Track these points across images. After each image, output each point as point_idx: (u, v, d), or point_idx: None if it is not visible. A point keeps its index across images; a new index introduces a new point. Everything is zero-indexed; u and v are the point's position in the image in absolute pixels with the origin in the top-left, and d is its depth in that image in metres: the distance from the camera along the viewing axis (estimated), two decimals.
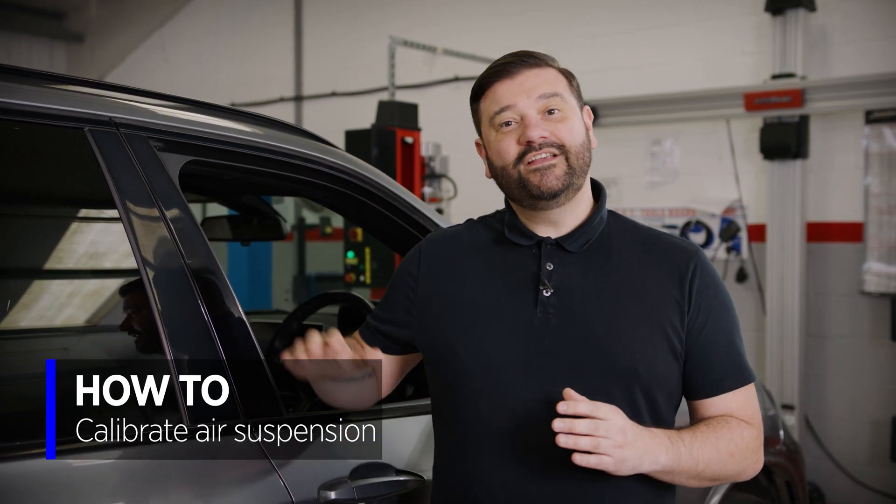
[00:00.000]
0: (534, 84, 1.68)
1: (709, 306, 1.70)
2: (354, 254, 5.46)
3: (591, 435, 1.49)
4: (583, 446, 1.49)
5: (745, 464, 1.69)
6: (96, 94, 1.86)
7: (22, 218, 1.86)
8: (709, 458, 1.62)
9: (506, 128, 1.69)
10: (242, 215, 2.97)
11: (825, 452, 5.45)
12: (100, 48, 9.32)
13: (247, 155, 2.04)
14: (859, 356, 5.39)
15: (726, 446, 1.65)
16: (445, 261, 1.79)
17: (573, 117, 1.70)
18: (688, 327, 1.68)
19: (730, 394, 1.70)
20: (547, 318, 1.66)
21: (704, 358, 1.69)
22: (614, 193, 6.13)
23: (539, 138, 1.65)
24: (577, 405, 1.50)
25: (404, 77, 6.62)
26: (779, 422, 3.23)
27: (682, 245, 1.75)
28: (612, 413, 1.52)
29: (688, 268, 1.71)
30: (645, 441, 1.55)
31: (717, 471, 1.64)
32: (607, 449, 1.49)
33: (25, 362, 1.82)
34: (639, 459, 1.54)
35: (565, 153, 1.67)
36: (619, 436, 1.50)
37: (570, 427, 1.49)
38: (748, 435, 1.69)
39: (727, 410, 1.70)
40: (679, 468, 1.60)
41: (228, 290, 1.85)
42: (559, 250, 1.71)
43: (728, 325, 1.73)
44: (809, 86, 5.23)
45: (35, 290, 1.84)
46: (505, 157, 1.69)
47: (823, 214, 5.48)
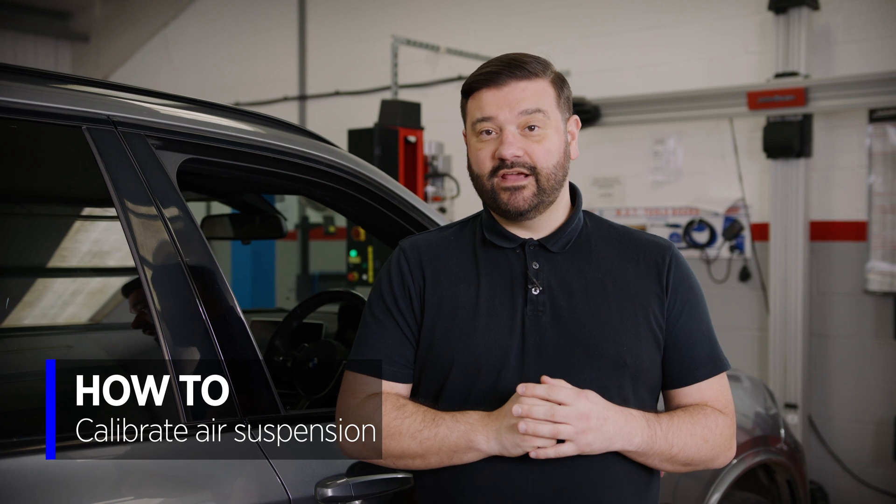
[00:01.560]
0: (518, 97, 1.70)
1: (684, 297, 1.77)
2: (357, 252, 5.47)
3: (550, 421, 1.54)
4: (542, 433, 1.55)
5: (718, 450, 1.74)
6: (94, 92, 1.86)
7: (20, 216, 1.87)
8: (683, 443, 1.68)
9: (485, 136, 1.72)
10: (243, 214, 2.98)
11: (828, 452, 5.44)
12: (104, 48, 9.34)
13: (245, 153, 2.04)
14: (863, 355, 5.38)
15: (700, 432, 1.71)
16: (432, 263, 1.79)
17: (552, 136, 1.72)
18: (667, 318, 1.75)
19: (705, 382, 1.77)
20: (536, 315, 1.70)
21: (681, 347, 1.75)
22: (617, 193, 6.13)
23: (512, 157, 1.69)
24: (534, 388, 1.56)
25: (407, 76, 6.62)
26: (780, 420, 3.22)
27: (656, 241, 1.82)
28: (575, 398, 1.57)
29: (664, 261, 1.77)
30: (617, 423, 1.60)
31: (690, 455, 1.70)
32: (568, 435, 1.55)
33: (23, 360, 1.82)
34: (607, 441, 1.60)
35: (536, 174, 1.70)
36: (580, 421, 1.56)
37: (528, 412, 1.55)
38: (722, 422, 1.75)
39: (702, 399, 1.77)
40: (653, 450, 1.66)
41: (226, 289, 1.85)
42: (542, 250, 1.76)
43: (702, 315, 1.79)
44: (813, 84, 5.22)
45: (33, 288, 1.85)
46: (481, 166, 1.73)
47: (827, 213, 5.47)
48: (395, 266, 1.81)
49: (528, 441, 1.57)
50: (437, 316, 1.75)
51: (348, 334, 2.74)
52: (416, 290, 1.77)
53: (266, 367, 1.88)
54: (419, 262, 1.79)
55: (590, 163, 6.08)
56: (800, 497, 3.20)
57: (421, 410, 1.69)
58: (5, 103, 1.68)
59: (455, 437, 1.64)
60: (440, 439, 1.65)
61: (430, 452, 1.66)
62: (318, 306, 2.85)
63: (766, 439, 3.04)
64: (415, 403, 1.72)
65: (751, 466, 2.90)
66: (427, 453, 1.67)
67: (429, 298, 1.76)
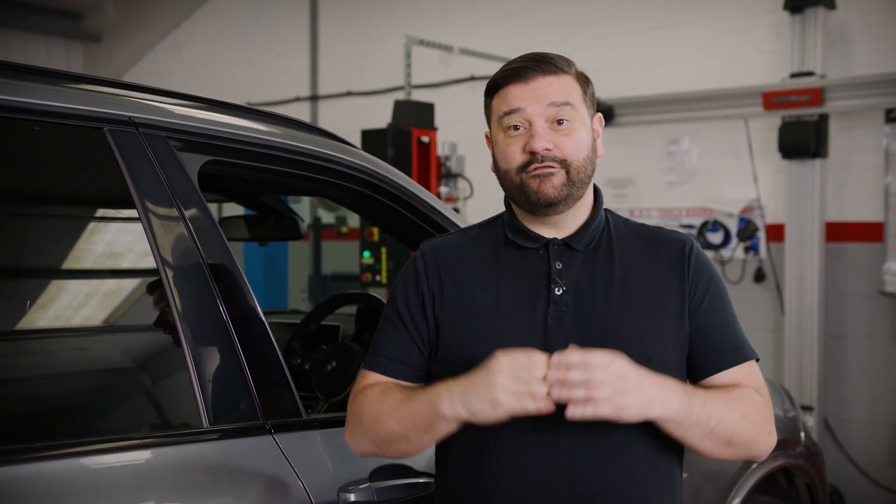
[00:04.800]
0: (546, 91, 1.69)
1: (706, 287, 1.75)
2: (370, 253, 5.46)
3: (585, 386, 1.49)
4: (577, 396, 1.49)
5: (758, 430, 1.69)
6: (116, 93, 1.85)
7: (41, 217, 1.86)
8: (721, 415, 1.63)
9: (513, 132, 1.71)
10: (260, 215, 2.97)
11: (844, 454, 5.41)
12: (116, 48, 9.36)
13: (266, 155, 2.03)
14: (879, 357, 5.34)
15: (738, 406, 1.66)
16: (450, 266, 1.78)
17: (581, 129, 1.71)
18: (689, 310, 1.73)
19: (733, 369, 1.74)
20: (560, 315, 1.69)
21: (705, 337, 1.73)
22: (631, 193, 6.11)
23: (543, 150, 1.68)
24: (569, 356, 1.50)
25: (420, 76, 6.61)
26: (799, 423, 3.20)
27: (675, 235, 1.81)
28: (610, 360, 1.52)
29: (684, 255, 1.76)
30: (653, 387, 1.55)
31: (730, 429, 1.64)
32: (604, 396, 1.50)
33: (42, 362, 1.81)
34: (646, 405, 1.54)
35: (567, 167, 1.69)
36: (617, 382, 1.51)
37: (563, 378, 1.49)
38: (759, 401, 1.71)
39: (734, 384, 1.73)
40: (691, 420, 1.60)
41: (248, 291, 1.84)
42: (566, 249, 1.75)
43: (725, 304, 1.78)
44: (829, 84, 5.19)
45: (53, 289, 1.84)
46: (510, 161, 1.71)
47: (843, 214, 5.43)
48: (412, 269, 1.81)
49: (504, 406, 1.50)
50: (455, 317, 1.73)
51: (366, 336, 2.73)
52: (429, 293, 1.76)
53: (287, 370, 1.87)
54: (436, 266, 1.78)
55: (603, 163, 5.99)
56: (819, 501, 3.18)
57: (402, 391, 1.67)
58: (28, 105, 1.67)
59: (424, 407, 1.60)
60: (413, 413, 1.62)
61: (409, 429, 1.63)
62: (335, 308, 2.84)
63: (786, 443, 3.01)
64: (400, 386, 1.70)
65: (771, 470, 2.88)
66: (406, 431, 1.63)
67: (447, 301, 1.74)
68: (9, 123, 1.67)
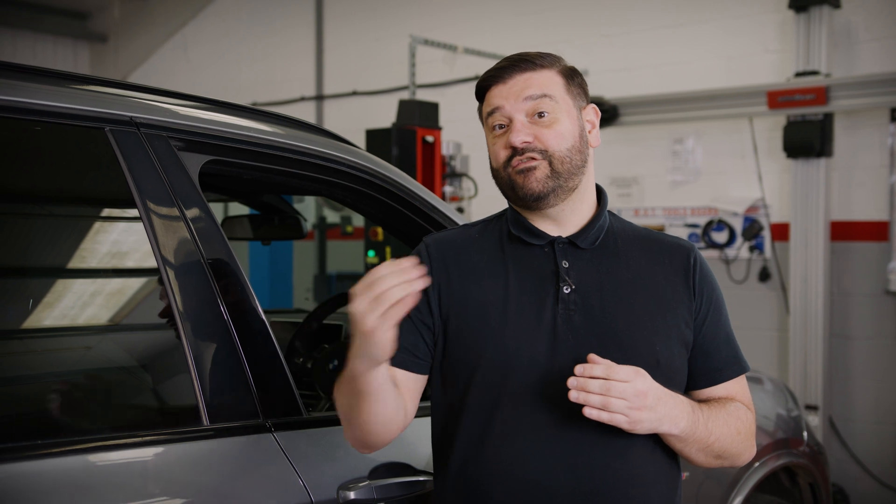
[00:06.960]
0: (522, 87, 1.71)
1: (709, 299, 1.78)
2: (375, 253, 5.47)
3: (603, 395, 1.53)
4: (593, 402, 1.53)
5: (745, 445, 1.77)
6: (117, 93, 1.86)
7: (43, 217, 1.87)
8: (720, 432, 1.69)
9: (498, 131, 1.74)
10: (263, 215, 2.98)
11: (849, 454, 5.40)
12: (123, 48, 9.39)
13: (267, 154, 2.04)
14: (884, 356, 5.33)
15: (735, 423, 1.73)
16: (457, 259, 1.78)
17: (564, 120, 1.72)
18: (695, 323, 1.76)
19: (729, 383, 1.79)
20: (569, 314, 1.69)
21: (707, 348, 1.77)
22: (636, 192, 6.10)
23: (521, 143, 1.69)
24: (593, 368, 1.54)
25: (425, 76, 6.62)
26: (802, 423, 3.20)
27: (679, 242, 1.83)
28: (633, 375, 1.55)
29: (689, 264, 1.78)
30: (668, 406, 1.60)
31: (724, 446, 1.71)
32: (620, 409, 1.53)
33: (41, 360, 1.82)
34: (657, 422, 1.59)
35: (549, 158, 1.70)
36: (636, 399, 1.54)
37: (583, 385, 1.53)
38: (749, 417, 1.78)
39: (728, 397, 1.78)
40: (693, 437, 1.66)
41: (248, 290, 1.85)
42: (572, 248, 1.75)
43: (724, 316, 1.81)
44: (834, 83, 5.18)
45: (54, 288, 1.85)
46: (497, 159, 1.74)
47: (848, 213, 5.42)
48: (419, 258, 1.80)
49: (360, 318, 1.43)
50: (462, 312, 1.73)
51: None
52: (435, 284, 1.75)
53: (288, 369, 1.87)
54: (443, 258, 1.78)
55: (608, 162, 6.05)
56: (822, 500, 3.18)
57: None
58: (29, 105, 1.68)
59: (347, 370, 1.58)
60: (345, 379, 1.61)
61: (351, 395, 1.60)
62: (337, 307, 2.85)
63: (788, 442, 3.01)
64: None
65: (773, 469, 2.88)
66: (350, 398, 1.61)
67: (453, 294, 1.74)
68: (10, 124, 1.68)
